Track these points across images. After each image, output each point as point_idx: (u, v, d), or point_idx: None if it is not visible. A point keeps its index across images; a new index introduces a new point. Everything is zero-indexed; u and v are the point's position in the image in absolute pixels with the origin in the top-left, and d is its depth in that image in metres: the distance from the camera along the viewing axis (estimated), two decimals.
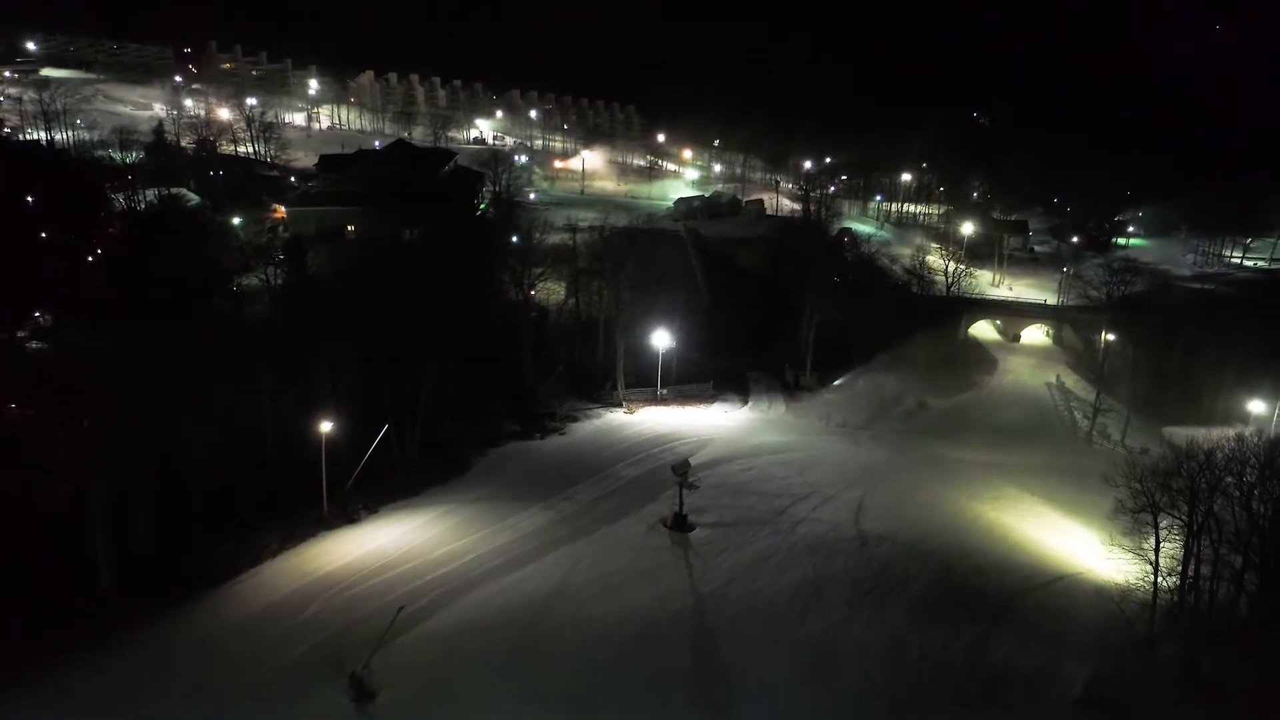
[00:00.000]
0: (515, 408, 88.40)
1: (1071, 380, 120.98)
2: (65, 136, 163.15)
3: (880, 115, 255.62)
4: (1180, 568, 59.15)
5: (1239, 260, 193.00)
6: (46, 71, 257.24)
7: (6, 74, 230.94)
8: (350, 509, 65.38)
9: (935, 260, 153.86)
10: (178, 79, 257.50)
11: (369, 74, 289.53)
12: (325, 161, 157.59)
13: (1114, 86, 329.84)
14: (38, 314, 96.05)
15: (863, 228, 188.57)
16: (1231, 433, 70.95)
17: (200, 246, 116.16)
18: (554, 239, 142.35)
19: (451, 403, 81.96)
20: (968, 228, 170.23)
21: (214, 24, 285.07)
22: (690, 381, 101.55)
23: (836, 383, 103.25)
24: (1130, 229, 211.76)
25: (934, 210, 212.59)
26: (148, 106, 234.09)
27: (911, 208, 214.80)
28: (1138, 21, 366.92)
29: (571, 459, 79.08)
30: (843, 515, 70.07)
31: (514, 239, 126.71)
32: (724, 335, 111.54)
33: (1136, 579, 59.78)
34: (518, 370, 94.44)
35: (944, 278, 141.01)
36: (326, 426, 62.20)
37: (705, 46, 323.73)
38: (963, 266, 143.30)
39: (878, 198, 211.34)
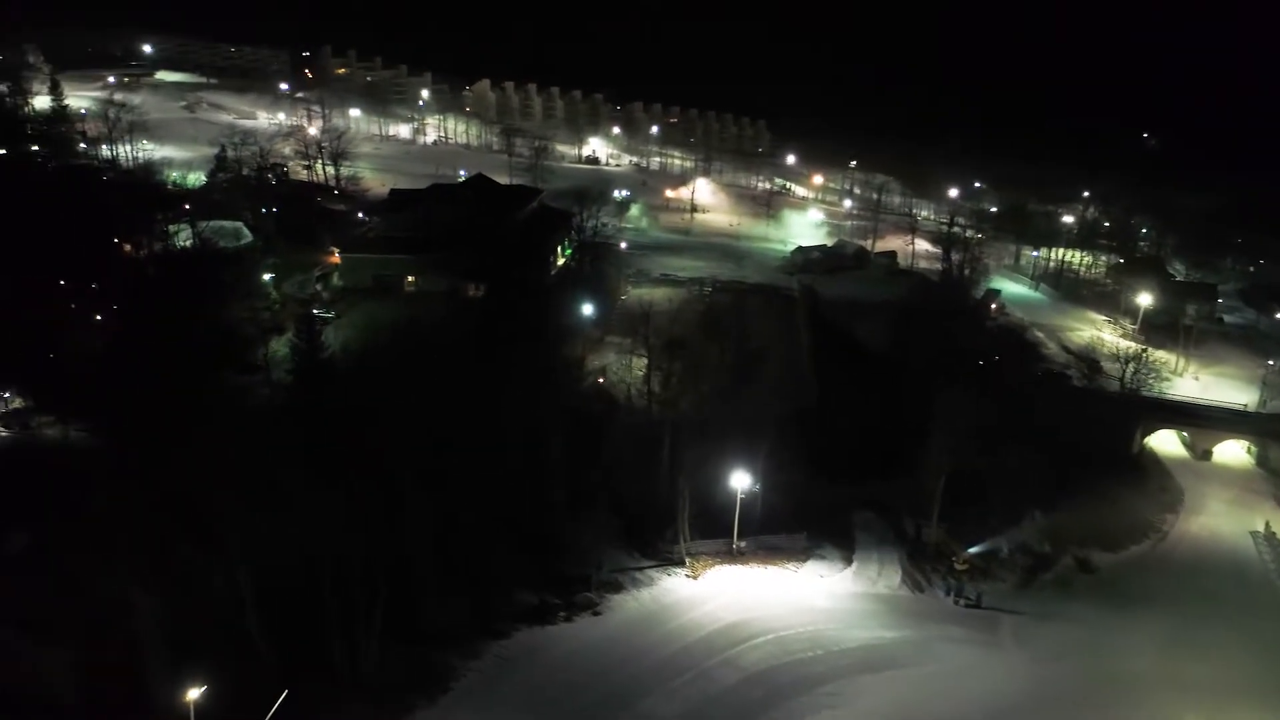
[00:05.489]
0: (537, 564, 67.60)
1: None
2: (127, 153, 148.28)
3: (1034, 138, 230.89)
4: None
5: None
6: (161, 74, 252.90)
7: (110, 79, 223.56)
8: None
9: (1108, 338, 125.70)
10: (283, 86, 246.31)
11: (485, 82, 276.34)
12: (393, 197, 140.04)
13: None
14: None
15: (1014, 287, 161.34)
16: None
17: (223, 304, 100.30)
18: (641, 293, 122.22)
19: (438, 560, 61.13)
20: (1145, 298, 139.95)
21: (335, 30, 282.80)
22: (779, 521, 78.85)
23: (972, 550, 78.69)
24: None
25: (1099, 262, 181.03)
26: (252, 115, 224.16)
27: (1073, 256, 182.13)
28: None
29: (597, 672, 57.32)
30: None
31: (587, 307, 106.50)
32: (829, 449, 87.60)
33: None
34: (546, 503, 72.57)
35: (1118, 365, 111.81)
36: (195, 694, 42.23)
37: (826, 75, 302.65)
38: (1143, 350, 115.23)
39: (1034, 254, 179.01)
